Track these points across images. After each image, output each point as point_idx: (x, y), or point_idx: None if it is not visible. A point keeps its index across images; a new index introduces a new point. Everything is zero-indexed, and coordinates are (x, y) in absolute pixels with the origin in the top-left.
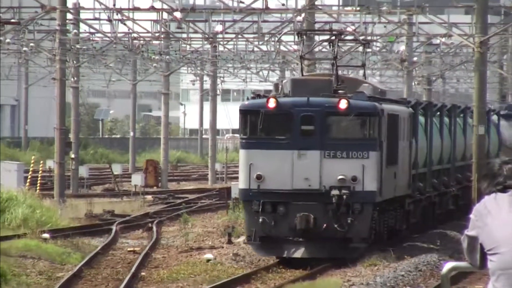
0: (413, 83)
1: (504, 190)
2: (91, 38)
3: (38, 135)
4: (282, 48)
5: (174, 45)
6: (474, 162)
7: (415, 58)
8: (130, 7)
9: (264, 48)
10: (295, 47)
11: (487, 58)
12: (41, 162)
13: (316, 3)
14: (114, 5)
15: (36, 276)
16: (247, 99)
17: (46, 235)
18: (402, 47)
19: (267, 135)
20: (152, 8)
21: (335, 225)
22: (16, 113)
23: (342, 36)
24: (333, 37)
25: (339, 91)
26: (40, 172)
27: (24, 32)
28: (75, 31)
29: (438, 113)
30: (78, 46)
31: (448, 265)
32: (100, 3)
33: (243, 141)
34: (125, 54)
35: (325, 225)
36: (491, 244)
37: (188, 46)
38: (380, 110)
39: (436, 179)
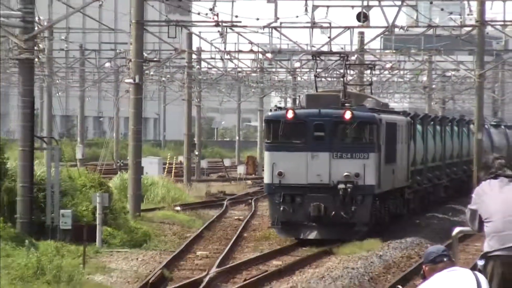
0: (432, 103)
1: (495, 177)
2: (208, 71)
3: (172, 139)
4: (341, 78)
5: (266, 76)
6: (475, 157)
7: (433, 86)
8: (236, 50)
9: (329, 78)
10: (350, 78)
11: (483, 85)
12: (175, 157)
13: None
14: (225, 48)
15: (171, 236)
16: (271, 111)
17: (178, 208)
18: (425, 78)
19: (287, 140)
20: (251, 51)
21: (342, 213)
22: (157, 123)
23: (348, 58)
24: (341, 59)
25: (346, 104)
26: (174, 164)
27: (163, 67)
28: (197, 66)
29: (432, 122)
30: (200, 77)
31: (457, 229)
32: (215, 47)
33: (268, 144)
34: (232, 82)
35: (333, 212)
36: (486, 215)
37: (276, 77)
38: (378, 119)
39: (431, 173)
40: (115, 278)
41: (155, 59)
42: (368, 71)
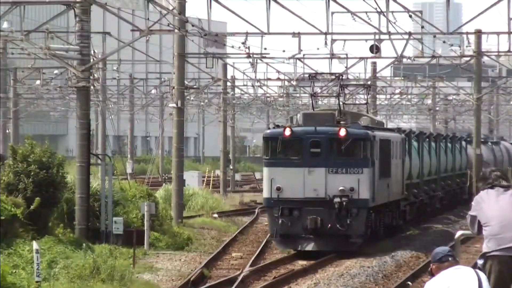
0: (436, 123)
1: (492, 187)
2: (241, 97)
3: (210, 155)
4: (356, 102)
5: (291, 100)
6: (474, 169)
7: (437, 108)
8: (265, 78)
9: (346, 102)
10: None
11: (481, 107)
12: (212, 171)
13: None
14: (255, 76)
15: (210, 239)
16: (269, 128)
17: (215, 215)
18: (429, 101)
19: (284, 156)
20: (278, 79)
21: (337, 225)
22: (197, 142)
23: (343, 78)
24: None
25: (341, 122)
26: (211, 177)
27: (202, 93)
28: (232, 92)
29: (428, 139)
30: (233, 101)
31: (459, 233)
32: (247, 76)
33: (266, 161)
34: (262, 106)
35: (329, 225)
36: (485, 220)
37: (300, 101)
38: (372, 136)
39: (427, 186)
40: (161, 276)
41: (194, 86)
42: (364, 91)
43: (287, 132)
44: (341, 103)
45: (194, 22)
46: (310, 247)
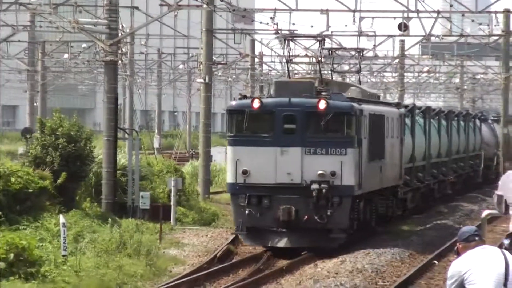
0: (463, 102)
1: None
2: (269, 73)
3: None
4: (384, 80)
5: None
6: (501, 149)
7: (465, 87)
8: (293, 54)
9: (374, 80)
10: (392, 80)
11: (508, 87)
12: None
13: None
14: (283, 53)
15: None
16: (234, 99)
17: None
18: (457, 80)
19: (252, 133)
20: (306, 55)
21: (315, 217)
22: (224, 118)
23: (324, 42)
24: (318, 42)
25: (322, 93)
26: None
27: (229, 69)
28: (259, 68)
29: (437, 116)
30: (261, 77)
31: (485, 212)
32: (275, 52)
33: (230, 138)
34: None
35: (306, 216)
36: (511, 200)
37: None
38: (358, 110)
39: (436, 169)
40: (187, 252)
41: (222, 62)
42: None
43: (256, 104)
44: (324, 70)
45: None
46: (282, 243)
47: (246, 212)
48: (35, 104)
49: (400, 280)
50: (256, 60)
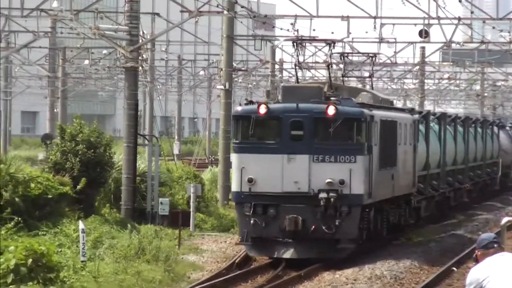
0: (484, 109)
1: None
2: (289, 79)
3: None
4: (405, 86)
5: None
6: None
7: (485, 94)
8: (313, 61)
9: (394, 86)
10: (412, 87)
11: None
12: None
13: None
14: (304, 59)
15: None
16: (240, 105)
17: None
18: (478, 87)
19: (258, 139)
20: (325, 61)
21: (323, 227)
22: None
23: (334, 46)
24: (327, 46)
25: (331, 98)
26: None
27: (250, 75)
28: (280, 75)
29: (453, 123)
30: (282, 84)
31: (505, 219)
32: (295, 58)
33: (236, 145)
34: None
35: (313, 226)
36: None
37: (348, 84)
38: (369, 116)
39: (451, 177)
40: (206, 258)
41: (243, 68)
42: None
43: (262, 109)
44: (333, 75)
45: (243, 4)
46: (288, 254)
47: (251, 222)
48: (55, 110)
49: (419, 287)
50: (277, 66)
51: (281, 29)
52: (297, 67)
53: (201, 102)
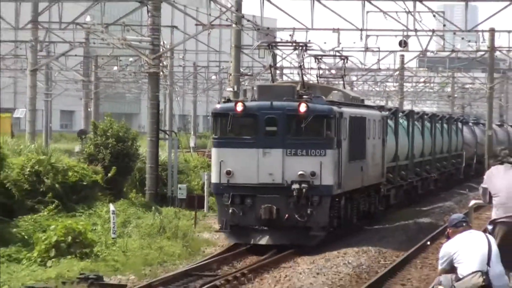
0: (454, 108)
1: (501, 163)
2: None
3: None
4: (387, 89)
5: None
6: (486, 149)
7: (455, 95)
8: (309, 67)
9: (377, 89)
10: (393, 89)
11: (493, 95)
12: None
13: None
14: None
15: None
16: (218, 103)
17: None
18: (449, 89)
19: (236, 135)
20: (319, 68)
21: (296, 216)
22: None
23: (306, 47)
24: (299, 49)
25: (304, 96)
26: None
27: (254, 79)
28: (280, 79)
29: (421, 119)
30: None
31: (472, 202)
32: (293, 64)
33: (215, 140)
34: None
35: (287, 215)
36: (494, 191)
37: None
38: (338, 112)
39: (419, 168)
40: (218, 235)
41: (248, 73)
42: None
43: (239, 107)
44: (307, 75)
45: (249, 18)
46: (264, 240)
47: (230, 211)
48: (89, 109)
49: (399, 260)
50: (278, 71)
51: (281, 39)
52: (272, 68)
53: (214, 102)
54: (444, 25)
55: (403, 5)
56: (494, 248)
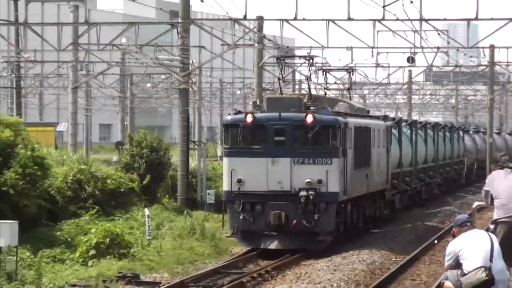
0: (458, 118)
1: (502, 168)
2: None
3: None
4: (396, 101)
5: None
6: (487, 155)
7: (459, 106)
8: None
9: (388, 101)
10: (402, 101)
11: (493, 106)
12: None
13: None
14: (317, 81)
15: None
16: (229, 114)
17: None
18: (453, 100)
19: (246, 145)
20: (335, 83)
21: (304, 221)
22: None
23: (313, 61)
24: (308, 61)
25: (311, 108)
26: None
27: (275, 94)
28: (299, 93)
29: (424, 128)
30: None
31: (476, 203)
32: (311, 80)
33: (226, 150)
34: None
35: (295, 221)
36: (495, 194)
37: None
38: (343, 123)
39: (422, 174)
40: None
41: (270, 88)
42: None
43: (249, 118)
44: (313, 87)
45: (270, 38)
46: (273, 245)
47: (241, 217)
48: (125, 122)
49: (409, 257)
50: (297, 86)
51: (299, 57)
52: (280, 81)
53: None
54: (448, 43)
55: (411, 24)
56: (496, 245)
